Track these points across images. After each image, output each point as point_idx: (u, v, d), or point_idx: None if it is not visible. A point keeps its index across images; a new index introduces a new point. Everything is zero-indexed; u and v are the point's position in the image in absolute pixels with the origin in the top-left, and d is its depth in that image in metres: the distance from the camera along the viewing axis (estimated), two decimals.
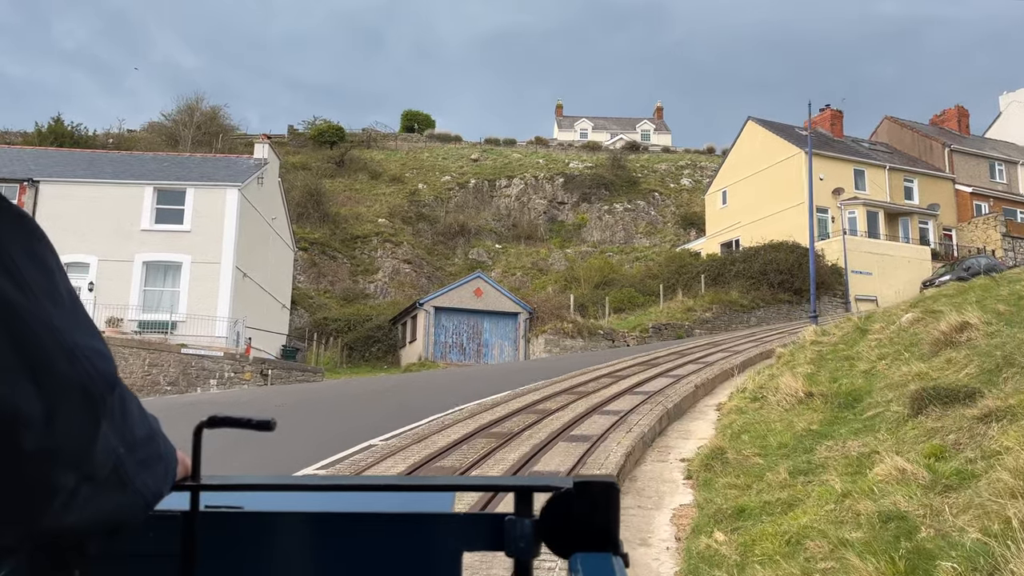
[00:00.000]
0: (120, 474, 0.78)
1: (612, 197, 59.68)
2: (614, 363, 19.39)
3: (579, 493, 1.07)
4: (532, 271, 51.15)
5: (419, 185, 58.13)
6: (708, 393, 14.17)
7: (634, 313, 38.45)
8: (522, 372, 20.20)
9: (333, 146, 61.21)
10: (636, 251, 54.52)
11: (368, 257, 49.06)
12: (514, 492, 1.12)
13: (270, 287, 33.33)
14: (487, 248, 53.54)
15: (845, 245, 39.19)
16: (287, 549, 1.15)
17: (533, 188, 60.06)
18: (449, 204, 56.84)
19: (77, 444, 0.71)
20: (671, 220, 59.00)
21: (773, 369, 14.30)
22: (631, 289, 41.41)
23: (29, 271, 0.68)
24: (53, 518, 0.72)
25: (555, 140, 74.10)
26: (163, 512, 1.01)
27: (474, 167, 62.05)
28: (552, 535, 1.08)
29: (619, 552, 1.06)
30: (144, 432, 0.84)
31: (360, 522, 1.14)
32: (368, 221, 51.68)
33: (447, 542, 1.13)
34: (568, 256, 52.60)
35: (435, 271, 49.27)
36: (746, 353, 18.81)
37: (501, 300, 33.90)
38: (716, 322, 35.91)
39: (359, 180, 58.28)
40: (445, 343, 33.08)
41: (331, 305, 44.35)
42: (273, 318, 33.75)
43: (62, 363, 0.68)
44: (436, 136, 69.14)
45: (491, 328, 33.88)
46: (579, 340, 33.02)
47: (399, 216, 53.18)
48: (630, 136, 77.27)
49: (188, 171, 30.61)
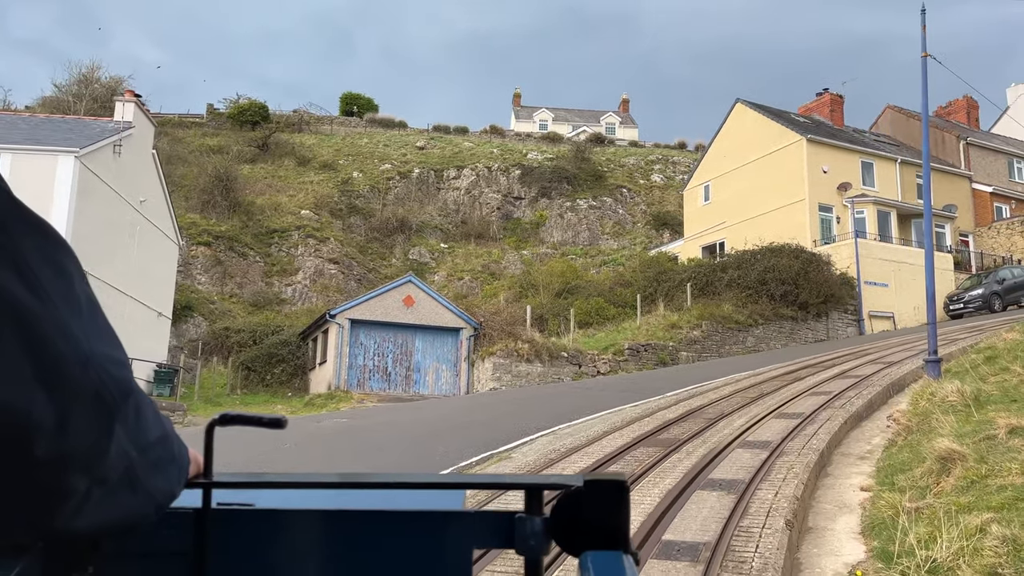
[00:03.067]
0: (132, 477, 0.78)
1: (575, 192, 52.61)
2: (593, 422, 12.21)
3: (589, 491, 1.06)
4: (483, 275, 43.77)
5: (354, 173, 50.33)
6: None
7: (604, 328, 31.28)
8: (447, 434, 12.81)
9: (256, 127, 53.05)
10: (603, 254, 47.47)
11: (286, 255, 41.15)
12: (524, 490, 1.11)
13: (136, 291, 25.36)
14: (431, 247, 45.98)
15: (857, 250, 32.56)
16: (298, 546, 1.13)
17: (486, 180, 52.68)
18: (388, 196, 49.14)
19: (89, 449, 0.72)
20: (642, 220, 52.13)
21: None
22: (600, 299, 34.23)
23: (46, 277, 0.69)
24: (65, 521, 0.72)
25: (512, 131, 66.85)
26: (175, 510, 1.01)
27: (419, 155, 54.45)
28: (563, 533, 1.07)
29: (630, 551, 1.05)
30: (157, 434, 0.83)
31: (371, 519, 1.13)
32: (289, 213, 43.76)
33: (458, 539, 1.12)
34: (525, 258, 45.32)
35: (367, 273, 41.56)
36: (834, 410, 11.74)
37: (438, 312, 26.43)
38: (707, 342, 28.92)
39: (284, 166, 50.30)
40: (364, 367, 25.48)
41: (237, 312, 36.42)
42: (143, 331, 25.79)
43: (75, 370, 0.69)
44: (378, 121, 61.35)
45: (425, 347, 26.38)
46: (536, 364, 25.71)
47: (327, 208, 45.35)
48: (594, 128, 70.39)
49: (11, 132, 22.59)
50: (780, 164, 37.02)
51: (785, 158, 36.80)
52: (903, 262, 33.64)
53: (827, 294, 31.31)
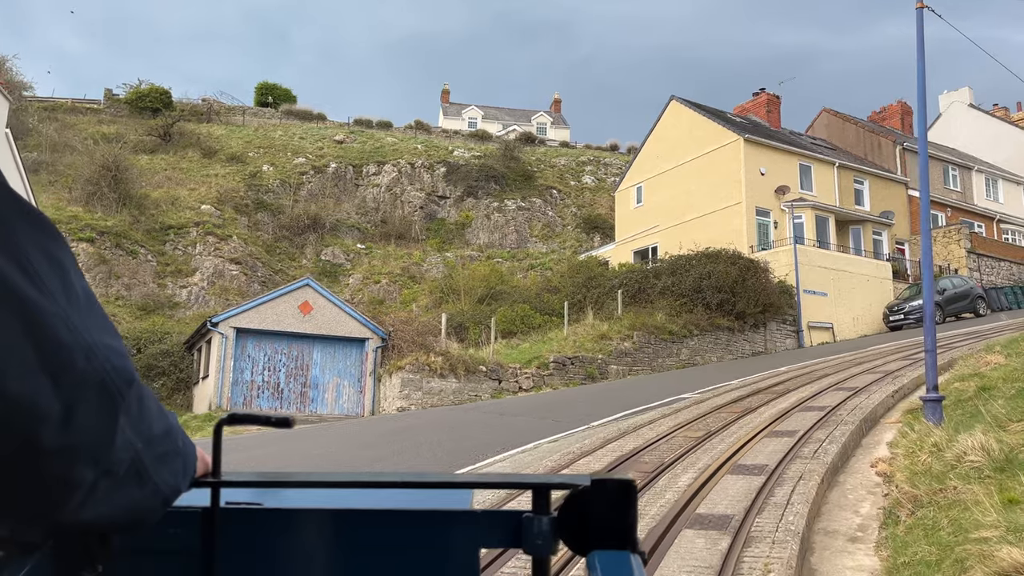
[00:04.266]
0: (139, 469, 0.79)
1: (503, 193, 49.96)
2: (501, 466, 9.51)
3: (597, 491, 1.05)
4: (402, 278, 40.70)
5: (264, 167, 46.58)
6: None
7: (529, 338, 28.64)
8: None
9: (157, 114, 48.75)
10: (531, 257, 44.92)
11: (183, 254, 37.30)
12: (532, 490, 1.10)
13: None
14: (346, 248, 42.64)
15: (796, 257, 30.75)
16: (306, 545, 1.13)
17: (408, 177, 49.56)
18: (300, 192, 45.55)
19: (96, 440, 0.72)
20: (572, 222, 49.79)
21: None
22: (525, 306, 31.58)
23: (45, 270, 0.69)
24: (72, 513, 0.73)
25: (439, 128, 63.84)
26: (183, 508, 1.02)
27: (338, 150, 50.96)
28: (570, 532, 1.07)
29: (637, 550, 1.04)
30: (162, 427, 0.84)
31: (379, 518, 1.13)
32: (188, 208, 39.84)
33: (465, 538, 1.12)
34: (448, 261, 42.42)
35: (273, 274, 38.02)
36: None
37: (341, 319, 23.36)
38: (638, 355, 26.57)
39: (187, 158, 46.18)
40: (251, 383, 22.20)
41: (122, 317, 32.47)
42: None
43: (80, 360, 0.69)
44: (294, 113, 57.51)
45: (324, 361, 23.27)
46: (451, 380, 22.88)
47: (231, 203, 41.55)
48: (525, 128, 67.95)
49: None
50: (716, 165, 35.11)
51: (721, 159, 34.89)
52: (842, 270, 32.02)
53: (765, 303, 29.37)
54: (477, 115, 71.67)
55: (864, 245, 35.32)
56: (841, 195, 36.43)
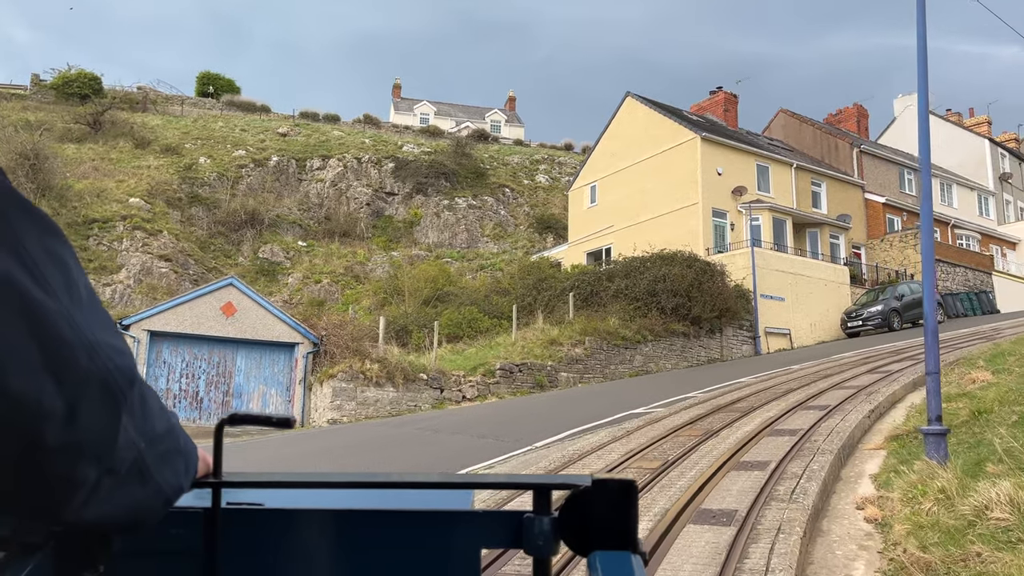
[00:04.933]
0: (141, 468, 0.79)
1: (454, 191, 48.26)
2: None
3: (598, 491, 1.05)
4: (345, 278, 38.77)
5: (200, 159, 44.14)
6: None
7: (476, 343, 27.06)
8: None
9: (86, 101, 45.97)
10: (482, 257, 43.31)
11: (108, 249, 34.85)
12: (532, 490, 1.10)
13: None
14: (286, 245, 40.51)
15: (754, 260, 29.68)
16: (308, 546, 1.13)
17: (355, 173, 47.55)
18: (239, 185, 43.25)
19: (99, 438, 0.72)
20: (525, 222, 48.31)
21: None
22: (473, 308, 29.97)
23: (48, 268, 0.69)
24: (75, 512, 0.73)
25: (389, 123, 61.86)
26: (185, 509, 1.03)
27: (280, 142, 48.70)
28: (571, 533, 1.06)
29: (638, 550, 1.04)
30: (164, 427, 0.84)
31: (380, 519, 1.13)
32: (116, 200, 37.34)
33: (466, 539, 1.12)
34: (394, 261, 40.59)
35: (206, 272, 35.76)
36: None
37: (268, 322, 21.48)
38: (590, 361, 25.16)
39: (118, 148, 43.53)
40: (167, 391, 20.18)
41: None
42: None
43: (83, 358, 0.69)
44: (237, 104, 55.00)
45: (249, 367, 21.36)
46: (388, 389, 21.17)
47: (163, 196, 39.12)
48: (478, 125, 66.33)
49: None
50: (672, 164, 33.93)
51: (678, 158, 33.73)
52: (800, 274, 31.07)
53: (722, 308, 28.20)
54: (429, 111, 69.85)
55: (821, 249, 34.50)
56: (799, 197, 35.57)
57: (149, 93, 52.24)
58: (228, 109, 54.29)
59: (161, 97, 53.35)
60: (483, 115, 71.82)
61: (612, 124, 37.97)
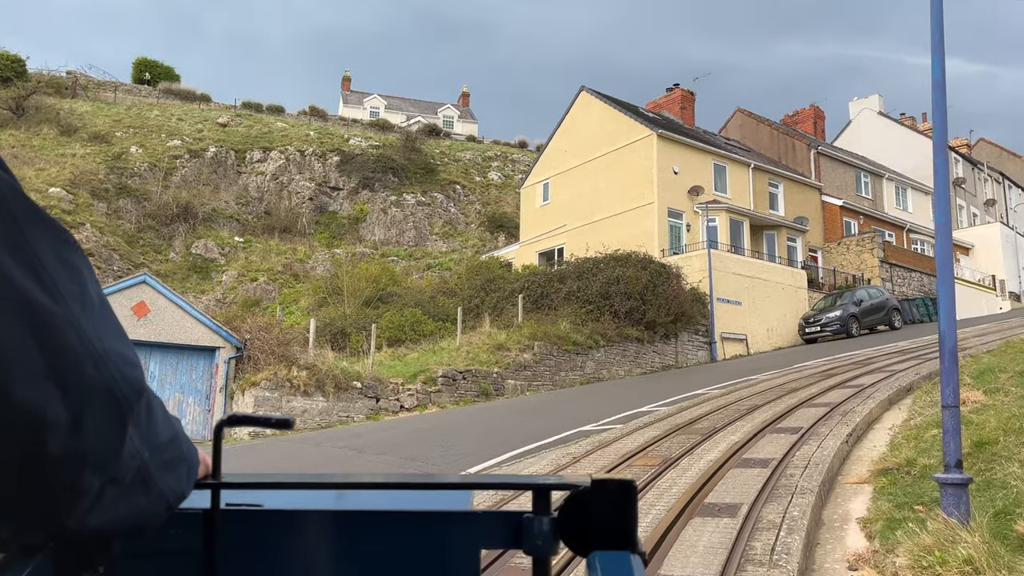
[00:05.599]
0: (145, 477, 0.79)
1: (402, 186, 46.44)
2: None
3: (597, 491, 1.05)
4: (284, 276, 36.73)
5: (131, 148, 41.59)
6: None
7: (419, 347, 25.37)
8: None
9: (7, 84, 43.06)
10: (430, 256, 41.59)
11: None
12: (532, 490, 1.09)
13: None
14: (221, 240, 38.26)
15: (710, 262, 28.54)
16: (307, 546, 1.12)
17: (298, 166, 45.41)
18: (172, 177, 40.82)
19: (103, 448, 0.72)
20: (476, 220, 46.71)
21: None
22: (416, 310, 28.28)
23: (59, 276, 0.69)
24: (78, 519, 0.73)
25: (337, 116, 59.68)
26: (184, 510, 1.02)
27: (219, 133, 46.30)
28: (570, 533, 1.06)
29: (637, 551, 1.04)
30: (168, 434, 0.84)
31: (379, 519, 1.13)
32: (34, 190, 34.68)
33: (465, 539, 1.12)
34: (337, 258, 38.65)
35: (133, 268, 33.39)
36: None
37: (186, 324, 19.54)
38: (539, 368, 23.68)
39: (42, 135, 40.81)
40: None
41: None
42: None
43: (89, 368, 0.69)
44: (175, 92, 52.34)
45: (164, 373, 19.40)
46: (318, 399, 19.39)
47: (88, 186, 36.61)
48: (430, 120, 64.52)
49: None
50: (627, 162, 32.67)
51: (633, 156, 32.48)
52: (757, 277, 30.03)
53: (677, 312, 26.96)
54: (380, 104, 67.79)
55: (779, 251, 33.57)
56: (756, 198, 34.62)
57: (79, 78, 49.37)
58: (165, 97, 51.63)
59: (93, 83, 50.48)
60: (435, 110, 70.02)
61: (566, 119, 36.60)
